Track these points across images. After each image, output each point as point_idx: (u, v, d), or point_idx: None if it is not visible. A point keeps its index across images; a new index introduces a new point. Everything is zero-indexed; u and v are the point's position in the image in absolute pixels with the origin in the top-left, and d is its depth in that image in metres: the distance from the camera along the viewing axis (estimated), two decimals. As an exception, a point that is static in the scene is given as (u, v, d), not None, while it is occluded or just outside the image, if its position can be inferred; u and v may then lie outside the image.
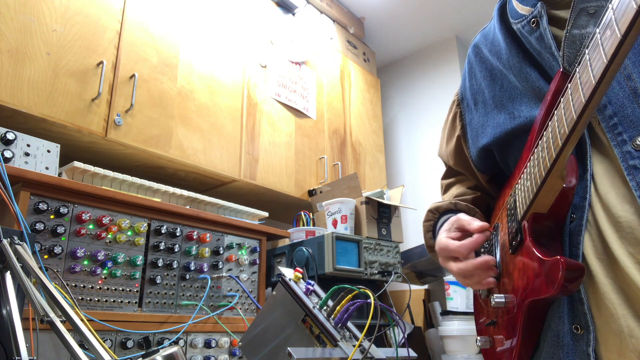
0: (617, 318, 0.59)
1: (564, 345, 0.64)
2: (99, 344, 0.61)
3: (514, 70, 0.78)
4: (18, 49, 1.39)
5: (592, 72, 0.49)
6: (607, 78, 0.48)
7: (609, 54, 0.46)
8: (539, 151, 0.64)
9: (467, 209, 0.89)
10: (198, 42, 1.92)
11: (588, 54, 0.50)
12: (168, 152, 1.70)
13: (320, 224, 2.08)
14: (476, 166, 0.91)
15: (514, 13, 0.78)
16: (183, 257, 1.45)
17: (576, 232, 0.64)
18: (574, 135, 0.55)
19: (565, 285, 0.58)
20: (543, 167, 0.62)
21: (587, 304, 0.62)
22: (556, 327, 0.66)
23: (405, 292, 2.15)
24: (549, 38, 0.70)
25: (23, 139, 1.27)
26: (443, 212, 0.92)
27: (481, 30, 0.93)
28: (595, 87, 0.49)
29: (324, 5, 2.71)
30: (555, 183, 0.62)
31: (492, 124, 0.82)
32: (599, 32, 0.48)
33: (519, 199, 0.71)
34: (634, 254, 0.58)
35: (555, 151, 0.58)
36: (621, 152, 0.61)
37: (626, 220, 0.60)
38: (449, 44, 3.10)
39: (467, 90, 0.93)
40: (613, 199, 0.62)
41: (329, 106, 2.57)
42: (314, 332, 0.76)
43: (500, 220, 0.81)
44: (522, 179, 0.70)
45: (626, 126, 0.61)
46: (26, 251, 0.82)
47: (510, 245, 0.73)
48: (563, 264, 0.58)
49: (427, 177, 2.89)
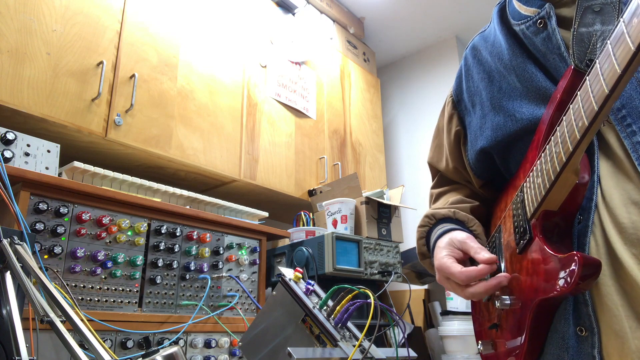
0: (620, 319, 0.59)
1: (569, 348, 0.64)
2: (99, 344, 0.61)
3: (516, 70, 0.78)
4: (18, 49, 1.39)
5: (616, 61, 0.49)
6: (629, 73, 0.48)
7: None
8: (552, 147, 0.63)
9: (467, 219, 0.86)
10: (198, 42, 1.92)
11: (610, 44, 0.50)
12: (168, 152, 1.70)
13: (320, 224, 2.08)
14: (473, 170, 0.90)
15: (516, 14, 0.78)
16: (183, 257, 1.45)
17: (583, 234, 0.64)
18: (594, 126, 0.55)
19: (580, 281, 0.56)
20: (558, 161, 0.61)
21: (592, 305, 0.62)
22: (561, 330, 0.65)
23: (405, 292, 2.15)
24: (557, 38, 0.70)
25: (23, 139, 1.27)
26: (440, 218, 0.88)
27: (479, 32, 0.92)
28: (619, 77, 0.48)
29: (324, 5, 2.71)
30: (569, 178, 0.62)
31: (490, 126, 0.82)
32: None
33: (528, 197, 0.70)
34: (637, 255, 0.58)
35: (572, 145, 0.57)
36: (631, 143, 0.61)
37: (630, 222, 0.60)
38: (449, 44, 3.10)
39: (464, 92, 0.92)
40: (617, 200, 0.62)
41: (329, 106, 2.57)
42: (314, 332, 0.76)
43: (503, 222, 0.80)
44: (532, 176, 0.69)
45: (635, 117, 0.62)
46: (26, 251, 0.82)
47: (517, 245, 0.72)
48: (580, 259, 0.57)
49: (427, 177, 2.87)
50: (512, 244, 0.74)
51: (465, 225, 0.85)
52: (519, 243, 0.71)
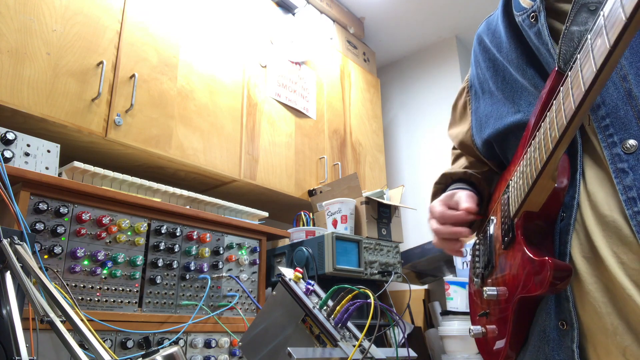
0: (602, 316, 0.60)
1: (550, 340, 0.65)
2: (99, 344, 0.61)
3: (512, 64, 0.78)
4: (18, 49, 1.39)
5: (582, 78, 0.49)
6: (597, 86, 0.47)
7: (598, 62, 0.46)
8: (532, 151, 0.64)
9: (478, 182, 0.92)
10: (198, 42, 1.92)
11: (579, 60, 0.50)
12: (168, 152, 1.70)
13: (320, 224, 2.08)
14: (483, 155, 0.92)
15: (517, 5, 0.78)
16: (183, 257, 1.45)
17: (565, 231, 0.65)
18: (565, 139, 0.55)
19: (553, 284, 0.59)
20: (534, 167, 0.62)
21: (573, 301, 0.63)
22: (543, 322, 0.67)
23: (405, 292, 2.15)
24: (545, 35, 0.70)
25: (23, 139, 1.27)
26: (456, 179, 0.95)
27: (486, 18, 0.92)
28: (584, 94, 0.48)
29: (324, 5, 2.71)
30: (546, 184, 0.63)
31: (495, 115, 0.83)
32: (590, 38, 0.48)
33: (512, 196, 0.71)
34: (618, 254, 0.59)
35: (546, 154, 0.58)
36: (610, 154, 0.60)
37: (612, 220, 0.60)
38: (449, 44, 3.10)
39: (475, 79, 0.93)
40: (601, 199, 0.61)
41: (329, 106, 2.57)
42: (314, 332, 0.76)
43: (495, 213, 0.82)
44: (515, 177, 0.71)
45: (617, 128, 0.61)
46: (26, 251, 0.82)
47: (502, 241, 0.73)
48: (551, 264, 0.59)
49: (427, 177, 2.89)
50: (500, 238, 0.76)
51: (476, 187, 0.92)
52: (504, 240, 0.73)
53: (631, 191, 0.58)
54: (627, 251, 0.58)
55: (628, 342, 0.57)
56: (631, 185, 0.58)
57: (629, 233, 0.58)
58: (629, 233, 0.58)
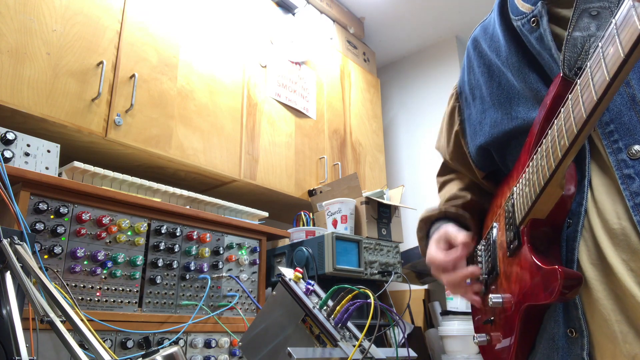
0: (611, 324, 0.59)
1: (558, 348, 0.65)
2: (99, 344, 0.61)
3: (512, 69, 0.77)
4: (18, 49, 1.39)
5: (593, 87, 0.48)
6: (609, 94, 0.47)
7: (611, 71, 0.45)
8: (538, 159, 0.63)
9: (456, 216, 0.90)
10: (198, 42, 1.92)
11: (590, 68, 0.49)
12: (168, 152, 1.70)
13: (320, 224, 2.08)
14: (475, 163, 0.90)
15: (515, 9, 0.77)
16: (183, 257, 1.45)
17: (572, 238, 0.64)
18: (574, 147, 0.54)
19: (563, 293, 0.58)
20: (542, 176, 0.61)
21: (582, 309, 0.62)
22: (551, 330, 0.66)
23: (405, 292, 2.15)
24: (548, 40, 0.69)
25: (23, 139, 1.27)
26: (434, 220, 0.94)
27: (481, 22, 0.91)
28: (596, 102, 0.48)
29: (324, 5, 2.71)
30: (554, 191, 0.62)
31: (489, 122, 0.82)
32: (602, 47, 0.47)
33: (518, 203, 0.70)
34: (627, 261, 0.58)
35: (555, 162, 0.57)
36: (616, 160, 0.60)
37: (620, 228, 0.59)
38: (449, 44, 3.10)
39: (466, 84, 0.92)
40: (608, 206, 0.61)
41: (329, 106, 2.57)
42: (314, 332, 0.76)
43: (498, 220, 0.81)
44: (521, 184, 0.70)
45: (622, 134, 0.60)
46: (26, 251, 0.82)
47: (508, 248, 0.72)
48: (561, 273, 0.58)
49: (427, 177, 2.88)
50: (504, 245, 0.75)
51: (457, 220, 0.90)
52: (510, 247, 0.71)
53: (638, 197, 0.57)
54: (636, 259, 0.58)
55: (638, 350, 0.57)
56: (638, 192, 0.57)
57: (637, 240, 0.57)
58: (636, 240, 0.57)
